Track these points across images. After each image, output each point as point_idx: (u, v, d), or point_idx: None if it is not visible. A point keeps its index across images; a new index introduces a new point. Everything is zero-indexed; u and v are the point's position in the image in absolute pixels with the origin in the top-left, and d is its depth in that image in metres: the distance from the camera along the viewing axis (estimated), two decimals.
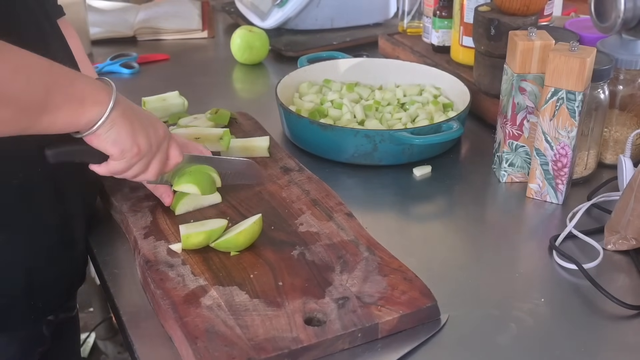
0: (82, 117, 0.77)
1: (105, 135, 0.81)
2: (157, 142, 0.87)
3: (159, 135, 0.87)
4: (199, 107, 1.29)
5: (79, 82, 0.77)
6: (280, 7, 1.66)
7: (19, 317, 0.90)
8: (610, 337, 0.84)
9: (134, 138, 0.83)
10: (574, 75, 0.98)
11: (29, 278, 0.88)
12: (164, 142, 0.88)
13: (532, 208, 1.07)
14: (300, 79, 1.34)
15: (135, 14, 1.84)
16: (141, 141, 0.84)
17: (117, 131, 0.81)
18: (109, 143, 0.82)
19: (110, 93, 0.79)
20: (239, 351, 0.75)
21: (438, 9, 1.47)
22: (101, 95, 0.78)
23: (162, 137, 0.88)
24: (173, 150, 0.91)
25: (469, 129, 1.27)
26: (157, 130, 0.87)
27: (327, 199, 1.01)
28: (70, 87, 0.76)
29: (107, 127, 0.80)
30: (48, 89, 0.73)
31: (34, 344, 0.95)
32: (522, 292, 0.90)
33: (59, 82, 0.75)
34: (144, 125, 0.84)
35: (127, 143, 0.83)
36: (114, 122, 0.80)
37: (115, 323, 1.83)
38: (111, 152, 0.83)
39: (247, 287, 0.84)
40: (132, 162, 0.85)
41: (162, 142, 0.88)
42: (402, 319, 0.81)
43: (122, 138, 0.82)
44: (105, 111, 0.78)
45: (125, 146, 0.83)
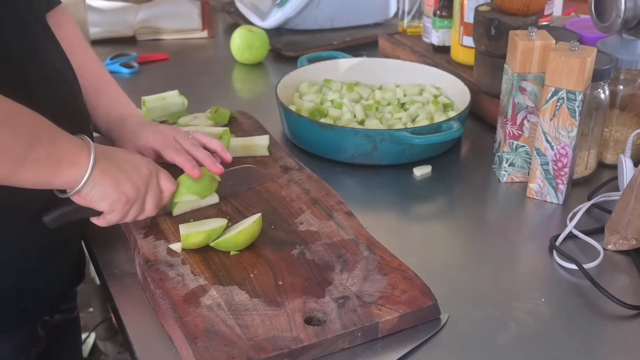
0: (57, 177, 0.77)
1: (91, 195, 0.81)
2: (144, 183, 0.86)
3: (144, 176, 0.86)
4: (198, 107, 1.29)
5: (60, 140, 0.76)
6: (280, 6, 1.66)
7: (9, 318, 0.89)
8: (610, 337, 0.84)
9: (120, 189, 0.82)
10: (574, 75, 0.98)
11: (19, 279, 0.88)
12: (152, 179, 0.87)
13: (533, 208, 1.07)
14: (300, 78, 1.34)
15: (135, 14, 1.84)
16: (127, 189, 0.83)
17: (100, 188, 0.81)
18: (96, 201, 0.82)
19: (89, 154, 0.78)
20: (239, 351, 0.75)
21: (438, 9, 1.47)
22: (80, 157, 0.78)
23: (148, 175, 0.87)
24: (164, 183, 0.90)
25: (469, 128, 1.27)
26: (140, 171, 0.86)
27: (327, 198, 1.01)
28: (50, 144, 0.75)
29: (90, 187, 0.80)
30: (30, 144, 0.72)
31: (29, 344, 0.95)
32: (522, 292, 0.90)
33: (41, 138, 0.74)
34: (126, 172, 0.84)
35: (114, 196, 0.82)
36: (95, 181, 0.80)
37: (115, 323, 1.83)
38: (101, 208, 0.83)
39: (247, 286, 0.84)
40: (125, 210, 0.85)
41: (149, 181, 0.87)
42: (402, 318, 0.81)
43: (108, 193, 0.82)
44: (84, 174, 0.78)
45: (112, 199, 0.82)
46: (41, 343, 0.96)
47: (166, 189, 0.90)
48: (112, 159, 0.83)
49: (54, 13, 1.01)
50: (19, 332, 0.92)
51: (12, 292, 0.88)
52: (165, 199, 0.91)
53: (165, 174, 0.91)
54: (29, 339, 0.94)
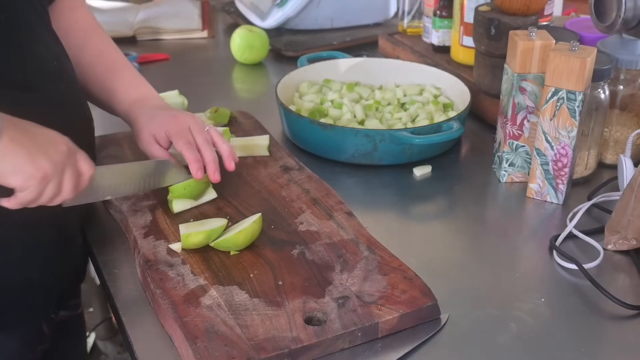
0: None
1: (1, 168, 0.72)
2: (61, 160, 0.77)
3: (62, 152, 0.77)
4: (198, 107, 1.29)
5: None
6: (280, 7, 1.66)
7: (18, 315, 0.90)
8: (610, 337, 0.84)
9: (34, 163, 0.74)
10: (574, 75, 0.98)
11: (25, 276, 0.88)
12: (70, 157, 0.79)
13: (533, 208, 1.07)
14: (300, 78, 1.34)
15: (135, 14, 1.84)
16: (43, 164, 0.74)
17: (12, 161, 0.72)
18: (7, 175, 0.73)
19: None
20: (239, 351, 0.75)
21: (438, 9, 1.47)
22: None
23: (66, 152, 0.78)
24: (83, 164, 0.81)
25: (469, 128, 1.27)
26: (58, 147, 0.77)
27: (327, 198, 1.01)
28: None
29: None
30: None
31: (34, 341, 0.95)
32: (522, 292, 0.90)
33: None
34: (42, 145, 0.75)
35: (28, 170, 0.73)
36: (5, 152, 0.71)
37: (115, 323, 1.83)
38: (13, 183, 0.74)
39: (247, 286, 0.84)
40: (40, 188, 0.76)
41: (67, 159, 0.78)
42: (402, 318, 0.81)
43: (21, 166, 0.73)
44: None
45: (26, 174, 0.73)
46: (47, 340, 0.97)
47: (85, 171, 0.81)
48: (24, 130, 0.74)
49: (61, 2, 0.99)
50: (25, 329, 0.92)
51: (19, 289, 0.88)
52: (83, 182, 0.82)
53: (85, 157, 0.82)
54: (34, 336, 0.95)
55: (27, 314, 0.91)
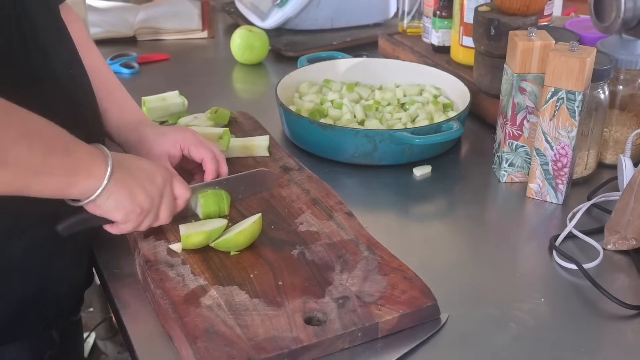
0: (73, 188, 0.76)
1: (105, 205, 0.80)
2: (158, 193, 0.85)
3: (158, 186, 0.85)
4: (198, 107, 1.29)
5: (75, 151, 0.76)
6: (280, 7, 1.66)
7: (31, 325, 0.90)
8: (610, 337, 0.84)
9: (134, 200, 0.82)
10: (574, 75, 0.98)
11: (41, 288, 0.88)
12: (166, 188, 0.87)
13: (532, 208, 1.07)
14: (300, 79, 1.34)
15: (135, 14, 1.84)
16: (141, 200, 0.83)
17: (115, 199, 0.80)
18: (110, 211, 0.81)
19: (106, 164, 0.78)
20: (239, 351, 0.75)
21: (438, 9, 1.47)
22: (96, 168, 0.77)
23: (162, 185, 0.86)
24: (178, 189, 0.89)
25: (469, 129, 1.27)
26: (154, 181, 0.85)
27: (327, 198, 1.01)
28: (65, 155, 0.74)
29: (104, 197, 0.79)
30: (45, 156, 0.72)
31: (44, 348, 0.95)
32: (522, 292, 0.90)
33: (57, 149, 0.73)
34: (141, 182, 0.83)
35: (128, 207, 0.82)
36: (110, 191, 0.79)
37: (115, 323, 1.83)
38: (114, 218, 0.83)
39: (247, 286, 0.84)
40: (139, 220, 0.84)
41: (163, 190, 0.86)
42: (402, 318, 0.81)
43: (122, 204, 0.81)
44: (100, 184, 0.77)
45: (126, 210, 0.82)
46: (56, 346, 0.96)
47: (180, 196, 0.90)
48: (127, 168, 0.82)
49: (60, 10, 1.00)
50: (37, 338, 0.92)
51: (34, 300, 0.88)
52: (179, 205, 0.91)
53: (180, 181, 0.90)
54: (44, 342, 0.94)
55: (40, 323, 0.91)
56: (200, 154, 1.01)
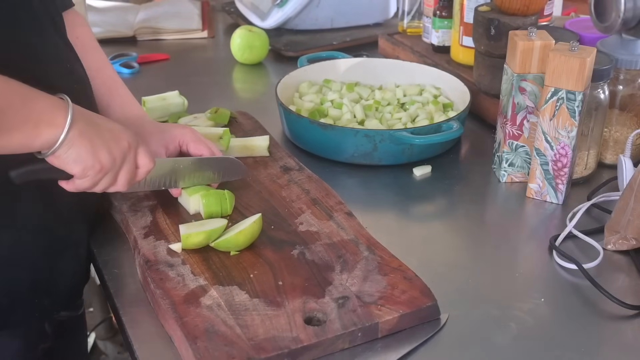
0: (36, 139, 0.76)
1: (65, 156, 0.79)
2: (121, 155, 0.84)
3: (122, 147, 0.84)
4: (198, 107, 1.29)
5: (34, 102, 0.75)
6: (280, 7, 1.66)
7: (23, 315, 0.91)
8: (610, 337, 0.84)
9: (95, 155, 0.81)
10: (574, 75, 0.98)
11: (34, 277, 0.89)
12: (129, 153, 0.85)
13: (532, 208, 1.07)
14: (300, 78, 1.34)
15: (135, 14, 1.84)
16: (103, 157, 0.81)
17: (76, 151, 0.79)
18: (69, 163, 0.80)
19: (66, 113, 0.77)
20: (239, 351, 0.75)
21: (438, 9, 1.47)
22: (57, 117, 0.76)
23: (127, 148, 0.85)
24: (142, 158, 0.87)
25: (469, 129, 1.27)
26: (119, 143, 0.84)
27: (327, 198, 1.01)
28: (24, 108, 0.74)
29: (66, 148, 0.78)
30: (3, 110, 0.72)
31: (37, 340, 0.96)
32: (522, 292, 0.90)
33: (14, 103, 0.73)
34: (105, 140, 0.82)
35: (88, 161, 0.80)
36: (72, 142, 0.78)
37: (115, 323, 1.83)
38: (73, 171, 0.81)
39: (247, 286, 0.84)
40: (96, 178, 0.83)
41: (127, 154, 0.85)
42: (402, 318, 0.81)
43: (83, 157, 0.80)
44: (61, 133, 0.77)
45: (86, 164, 0.80)
46: (48, 339, 0.97)
47: (143, 165, 0.88)
48: (92, 123, 0.81)
49: (67, 15, 1.01)
50: (28, 328, 0.93)
51: (27, 290, 0.89)
52: (140, 175, 0.88)
53: (146, 150, 0.88)
54: (37, 335, 0.95)
55: (32, 314, 0.92)
56: (199, 150, 1.01)
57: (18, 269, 0.87)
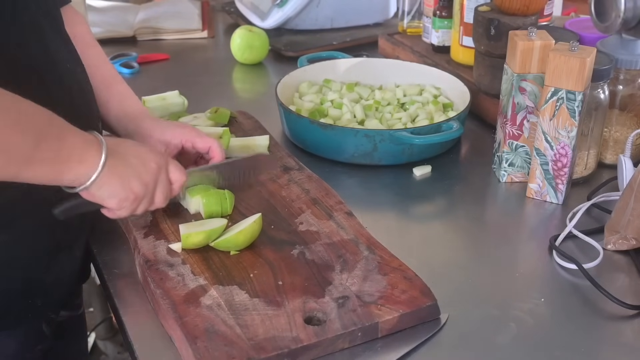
0: (65, 175, 0.76)
1: (99, 193, 0.80)
2: (153, 179, 0.85)
3: (152, 172, 0.85)
4: (198, 107, 1.29)
5: (67, 136, 0.75)
6: (280, 7, 1.66)
7: (17, 316, 0.90)
8: (610, 337, 0.84)
9: (127, 187, 0.82)
10: (574, 75, 0.98)
11: (27, 278, 0.88)
12: (161, 174, 0.87)
13: (532, 208, 1.07)
14: (300, 78, 1.34)
15: (135, 14, 1.84)
16: (135, 187, 0.83)
17: (108, 187, 0.80)
18: (104, 199, 0.81)
19: (100, 151, 0.78)
20: (239, 351, 0.75)
21: (438, 9, 1.47)
22: (89, 154, 0.77)
23: (157, 170, 0.86)
24: (174, 174, 0.89)
25: (469, 129, 1.27)
26: (148, 167, 0.85)
27: (327, 198, 1.01)
28: (59, 142, 0.74)
29: (97, 186, 0.79)
30: (37, 143, 0.72)
31: (34, 341, 0.95)
32: (522, 292, 0.90)
33: (49, 136, 0.73)
34: (135, 169, 0.83)
35: (122, 195, 0.82)
36: (103, 180, 0.79)
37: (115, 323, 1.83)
38: (108, 205, 0.83)
39: (247, 286, 0.84)
40: (133, 206, 0.84)
41: (158, 176, 0.86)
42: (402, 318, 0.81)
43: (116, 192, 0.81)
44: (93, 172, 0.77)
45: (120, 197, 0.82)
46: (46, 340, 0.97)
47: (176, 180, 0.90)
48: (121, 154, 0.82)
49: (65, 11, 1.00)
50: (24, 329, 0.93)
51: (19, 290, 0.88)
52: (175, 190, 0.90)
53: (175, 165, 0.90)
54: (34, 336, 0.95)
55: (26, 315, 0.91)
56: (207, 142, 1.01)
57: (12, 269, 0.87)
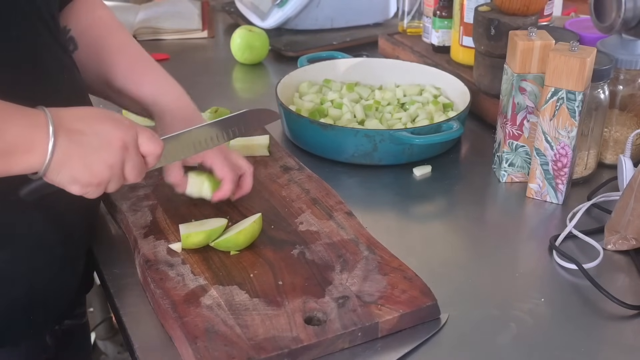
0: (15, 167, 0.70)
1: (58, 179, 0.73)
2: (118, 159, 0.75)
3: (116, 151, 0.75)
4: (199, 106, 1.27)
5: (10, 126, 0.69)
6: (280, 7, 1.66)
7: (19, 332, 0.88)
8: (610, 337, 0.84)
9: (89, 171, 0.73)
10: (574, 75, 0.98)
11: (29, 294, 0.86)
12: (128, 151, 0.76)
13: (532, 208, 1.07)
14: (300, 78, 1.34)
15: (135, 14, 1.84)
16: (98, 170, 0.74)
17: (67, 172, 0.72)
18: (65, 185, 0.74)
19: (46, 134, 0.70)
20: (239, 351, 0.75)
21: (438, 9, 1.47)
22: (37, 140, 0.70)
23: (122, 148, 0.75)
24: (146, 146, 0.78)
25: (469, 129, 1.27)
26: (112, 146, 0.75)
27: (327, 198, 1.01)
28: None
29: (54, 172, 0.72)
30: None
31: (38, 353, 0.93)
32: (522, 292, 0.90)
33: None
34: (95, 149, 0.73)
35: (84, 179, 0.74)
36: (58, 166, 0.71)
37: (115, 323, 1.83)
38: (72, 190, 0.75)
39: (247, 286, 0.84)
40: (100, 188, 0.76)
41: (125, 155, 0.76)
42: (402, 318, 0.81)
43: (76, 176, 0.73)
44: (42, 160, 0.70)
45: (82, 182, 0.74)
46: (50, 351, 0.95)
47: (150, 153, 0.79)
48: (75, 135, 0.72)
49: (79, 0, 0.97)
50: (28, 342, 0.91)
51: (21, 306, 0.86)
52: (150, 163, 0.80)
53: (147, 136, 0.78)
54: (38, 348, 0.93)
55: (29, 329, 0.89)
56: (223, 173, 0.94)
57: (14, 285, 0.84)
